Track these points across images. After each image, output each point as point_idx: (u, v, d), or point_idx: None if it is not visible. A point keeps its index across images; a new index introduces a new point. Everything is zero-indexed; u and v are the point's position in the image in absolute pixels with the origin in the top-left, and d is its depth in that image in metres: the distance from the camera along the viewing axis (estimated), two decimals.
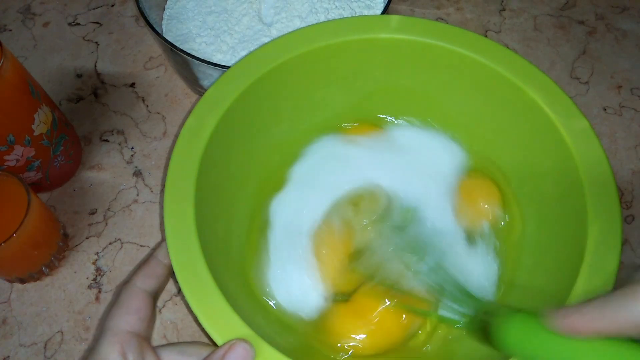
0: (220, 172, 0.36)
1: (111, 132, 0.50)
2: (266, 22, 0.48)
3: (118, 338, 0.27)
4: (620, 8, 0.60)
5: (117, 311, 0.29)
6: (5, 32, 0.56)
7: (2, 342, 0.40)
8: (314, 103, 0.41)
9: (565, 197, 0.35)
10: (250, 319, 0.29)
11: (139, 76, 0.54)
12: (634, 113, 0.53)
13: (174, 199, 0.31)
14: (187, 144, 0.33)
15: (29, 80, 0.39)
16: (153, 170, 0.48)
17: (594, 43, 0.57)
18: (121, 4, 0.59)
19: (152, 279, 0.30)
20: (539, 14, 0.60)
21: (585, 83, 0.55)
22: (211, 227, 0.34)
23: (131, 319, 0.28)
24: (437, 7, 0.60)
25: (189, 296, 0.28)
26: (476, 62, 0.37)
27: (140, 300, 0.29)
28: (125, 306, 0.29)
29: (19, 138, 0.39)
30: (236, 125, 0.36)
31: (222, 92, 0.35)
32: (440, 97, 0.41)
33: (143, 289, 0.29)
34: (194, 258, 0.29)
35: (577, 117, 0.35)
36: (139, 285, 0.29)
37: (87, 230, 0.45)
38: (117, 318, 0.28)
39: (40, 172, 0.43)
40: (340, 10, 0.48)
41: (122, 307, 0.29)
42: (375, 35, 0.38)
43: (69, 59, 0.55)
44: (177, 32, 0.49)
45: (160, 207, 0.46)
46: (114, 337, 0.27)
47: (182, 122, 0.51)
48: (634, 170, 0.50)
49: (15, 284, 0.43)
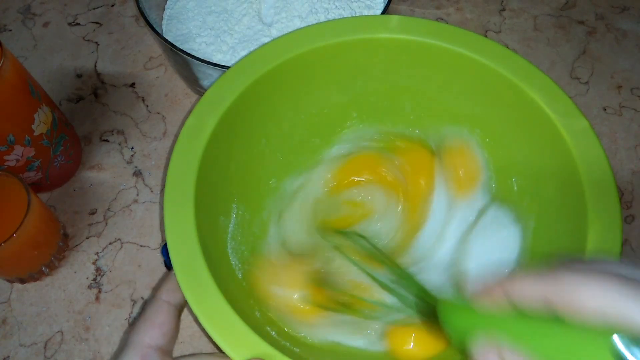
0: (220, 172, 0.36)
1: (111, 132, 0.50)
2: (266, 22, 0.48)
3: (139, 352, 0.28)
4: (620, 8, 0.60)
5: (142, 325, 0.29)
6: (5, 32, 0.56)
7: (2, 342, 0.40)
8: (314, 103, 0.41)
9: (565, 197, 0.35)
10: (250, 319, 0.29)
11: (139, 76, 0.54)
12: (634, 113, 0.53)
13: (174, 199, 0.31)
14: (187, 144, 0.33)
15: (29, 80, 0.39)
16: (153, 170, 0.48)
17: (594, 43, 0.57)
18: (121, 4, 0.59)
19: (177, 292, 0.31)
20: (539, 14, 0.60)
21: (585, 83, 0.55)
22: (211, 227, 0.34)
23: (154, 333, 0.29)
24: (437, 7, 0.60)
25: (189, 296, 0.28)
26: (476, 62, 0.37)
27: (164, 314, 0.30)
28: (149, 320, 0.29)
29: (19, 138, 0.39)
30: (236, 125, 0.36)
31: (222, 92, 0.35)
32: (440, 97, 0.41)
33: (168, 301, 0.30)
34: (194, 258, 0.29)
35: (577, 117, 0.35)
36: (164, 299, 0.30)
37: (87, 230, 0.45)
38: (141, 332, 0.29)
39: (40, 172, 0.43)
40: (340, 10, 0.48)
41: (146, 321, 0.29)
42: (375, 35, 0.38)
43: (69, 59, 0.55)
44: (177, 32, 0.49)
45: (160, 207, 0.46)
46: (135, 350, 0.28)
47: (182, 122, 0.51)
48: (634, 170, 0.50)
49: (15, 284, 0.43)
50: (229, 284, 0.32)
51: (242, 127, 0.37)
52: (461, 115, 0.41)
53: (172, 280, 0.31)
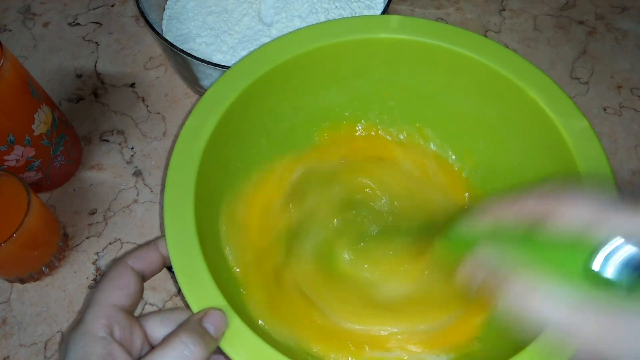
0: (221, 172, 0.36)
1: (111, 132, 0.50)
2: (266, 22, 0.48)
3: (104, 311, 0.27)
4: (620, 8, 0.60)
5: (106, 285, 0.29)
6: (5, 32, 0.56)
7: (2, 342, 0.40)
8: (313, 103, 0.41)
9: None
10: (253, 324, 0.29)
11: (139, 76, 0.54)
12: (634, 113, 0.53)
13: (174, 199, 0.31)
14: (187, 144, 0.33)
15: (29, 80, 0.39)
16: (153, 170, 0.48)
17: (594, 43, 0.57)
18: (121, 4, 0.59)
19: (143, 261, 0.30)
20: (539, 14, 0.60)
21: (585, 83, 0.55)
22: (211, 227, 0.34)
23: (119, 294, 0.28)
24: (437, 7, 0.60)
25: (188, 296, 0.28)
26: (476, 62, 0.37)
27: (128, 276, 0.29)
28: (113, 281, 0.29)
29: (19, 138, 0.39)
30: (236, 125, 0.36)
31: (222, 92, 0.35)
32: (440, 97, 0.41)
33: (132, 267, 0.30)
34: (194, 258, 0.29)
35: (577, 117, 0.35)
36: (130, 264, 0.30)
37: (87, 230, 0.45)
38: (105, 292, 0.28)
39: (40, 172, 0.43)
40: (340, 10, 0.48)
41: (110, 281, 0.29)
42: (375, 35, 0.38)
43: (69, 59, 0.55)
44: (177, 32, 0.49)
45: (160, 207, 0.46)
46: (101, 310, 0.27)
47: (182, 122, 0.51)
48: (634, 170, 0.50)
49: (15, 284, 0.43)
50: (229, 283, 0.32)
51: (242, 127, 0.37)
52: (461, 115, 0.41)
53: (144, 250, 0.31)
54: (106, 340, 0.26)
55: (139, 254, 0.31)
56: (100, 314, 0.27)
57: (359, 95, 0.42)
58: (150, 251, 0.31)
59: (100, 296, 0.28)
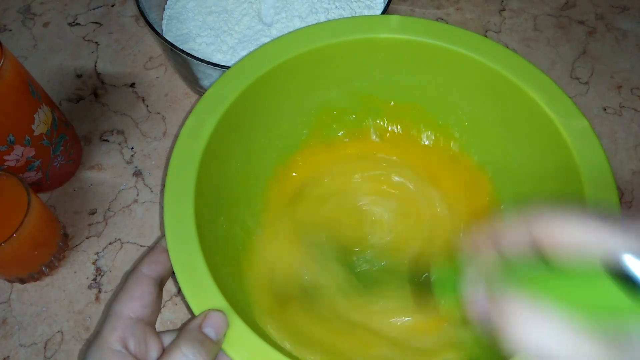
0: (220, 172, 0.36)
1: (111, 132, 0.50)
2: (266, 22, 0.48)
3: (120, 323, 0.28)
4: (620, 8, 0.60)
5: (122, 297, 0.29)
6: (5, 32, 0.56)
7: (2, 342, 0.40)
8: (314, 103, 0.41)
9: (565, 197, 0.35)
10: (253, 323, 0.29)
11: (139, 76, 0.54)
12: (634, 113, 0.53)
13: (174, 199, 0.31)
14: (187, 144, 0.33)
15: (29, 80, 0.39)
16: (153, 170, 0.48)
17: (594, 43, 0.57)
18: (121, 4, 0.59)
19: (157, 265, 0.30)
20: (539, 14, 0.60)
21: (585, 83, 0.55)
22: (211, 227, 0.34)
23: (135, 305, 0.28)
24: (437, 7, 0.60)
25: (188, 296, 0.28)
26: (476, 62, 0.37)
27: (144, 286, 0.29)
28: (129, 292, 0.29)
29: (19, 138, 0.39)
30: (236, 125, 0.36)
31: (222, 92, 0.35)
32: (440, 97, 0.41)
33: (148, 275, 0.30)
34: (194, 258, 0.29)
35: (577, 117, 0.35)
36: (144, 272, 0.30)
37: (87, 230, 0.45)
38: (120, 303, 0.29)
39: (40, 172, 0.43)
40: (340, 10, 0.48)
41: (126, 292, 0.29)
42: (375, 35, 0.38)
43: (69, 59, 0.55)
44: (177, 32, 0.49)
45: (160, 207, 0.46)
46: (116, 322, 0.28)
47: (182, 122, 0.51)
48: (634, 170, 0.50)
49: (15, 284, 0.43)
50: (229, 284, 0.32)
51: (242, 127, 0.37)
52: (461, 115, 0.41)
53: (154, 253, 0.31)
54: (121, 354, 0.26)
55: (151, 259, 0.31)
56: (115, 326, 0.27)
57: (358, 95, 0.42)
58: (158, 253, 0.31)
59: (116, 308, 0.28)
